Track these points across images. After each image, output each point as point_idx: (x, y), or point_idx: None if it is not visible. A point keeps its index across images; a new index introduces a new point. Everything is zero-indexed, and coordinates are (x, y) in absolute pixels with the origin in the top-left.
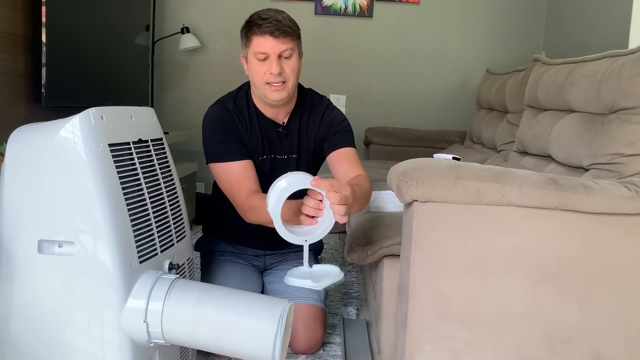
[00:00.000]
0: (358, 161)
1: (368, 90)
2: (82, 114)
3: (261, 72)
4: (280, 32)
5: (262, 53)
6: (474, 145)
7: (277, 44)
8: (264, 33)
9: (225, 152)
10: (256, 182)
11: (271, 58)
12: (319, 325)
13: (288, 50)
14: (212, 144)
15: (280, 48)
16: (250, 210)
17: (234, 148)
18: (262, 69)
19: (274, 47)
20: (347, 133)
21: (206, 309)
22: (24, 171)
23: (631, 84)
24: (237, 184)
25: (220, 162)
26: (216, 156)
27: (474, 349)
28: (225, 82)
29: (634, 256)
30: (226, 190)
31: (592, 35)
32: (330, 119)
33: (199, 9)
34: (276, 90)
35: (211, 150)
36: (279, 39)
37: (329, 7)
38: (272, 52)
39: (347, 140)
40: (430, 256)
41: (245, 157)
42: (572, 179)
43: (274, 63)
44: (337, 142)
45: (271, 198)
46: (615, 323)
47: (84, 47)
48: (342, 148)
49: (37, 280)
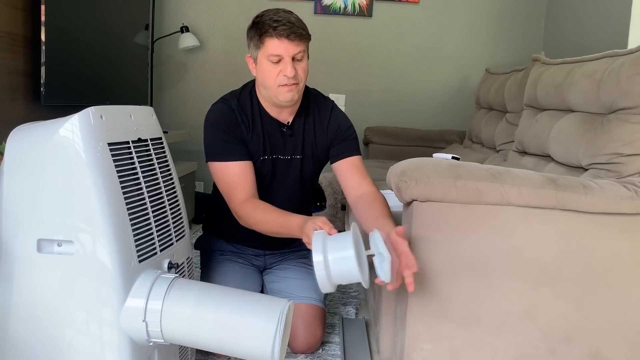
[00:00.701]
0: (365, 170)
1: (367, 90)
2: (81, 113)
3: (274, 74)
4: (295, 35)
5: (276, 55)
6: (473, 145)
7: (292, 46)
8: (279, 36)
9: (225, 151)
10: (253, 185)
11: (285, 60)
12: (318, 325)
13: (301, 53)
14: (213, 143)
15: (294, 50)
16: (243, 217)
17: (234, 148)
18: (274, 71)
19: (288, 49)
20: (354, 140)
21: (205, 308)
22: (23, 170)
23: (630, 83)
24: (234, 185)
25: (219, 162)
26: (215, 155)
27: (472, 348)
28: (225, 81)
29: (633, 256)
30: (222, 191)
31: (591, 35)
32: (337, 124)
33: (198, 8)
34: (289, 91)
35: (211, 149)
36: (294, 41)
37: (328, 6)
38: (287, 54)
39: (355, 149)
40: (429, 255)
41: (244, 158)
42: (571, 178)
43: (288, 66)
44: (345, 151)
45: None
46: (614, 322)
47: (83, 46)
48: (350, 157)
49: (36, 280)
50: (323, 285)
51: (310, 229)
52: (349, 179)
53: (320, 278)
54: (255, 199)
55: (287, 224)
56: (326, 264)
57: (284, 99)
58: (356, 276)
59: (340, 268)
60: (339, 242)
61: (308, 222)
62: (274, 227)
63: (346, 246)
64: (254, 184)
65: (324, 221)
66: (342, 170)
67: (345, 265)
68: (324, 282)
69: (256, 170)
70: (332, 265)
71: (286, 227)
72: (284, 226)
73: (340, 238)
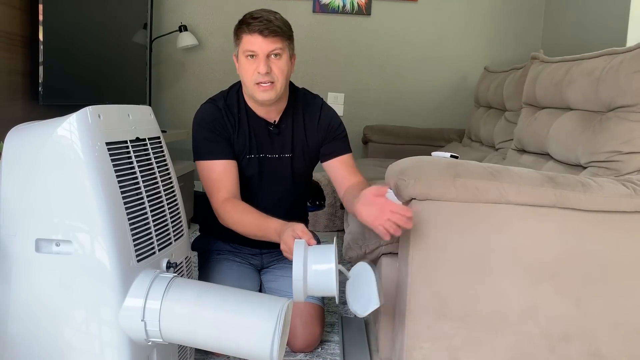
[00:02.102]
0: (355, 166)
1: (366, 88)
2: (80, 113)
3: (250, 71)
4: (269, 31)
5: (250, 51)
6: (472, 143)
7: (266, 43)
8: (252, 32)
9: (210, 150)
10: (236, 185)
11: (259, 57)
12: (317, 324)
13: (277, 50)
14: (199, 142)
15: (268, 47)
16: (222, 216)
17: (219, 147)
18: (251, 67)
19: (262, 46)
20: (345, 139)
21: (204, 307)
22: (21, 170)
23: (629, 81)
24: (216, 184)
25: (204, 160)
26: (201, 154)
27: (472, 346)
28: (223, 80)
29: (631, 254)
30: (206, 189)
31: (590, 32)
32: (328, 122)
33: (196, 7)
34: (264, 91)
35: (197, 148)
36: (267, 38)
37: (327, 5)
38: (261, 51)
39: (345, 147)
40: (428, 254)
41: (228, 157)
42: (570, 176)
43: (261, 62)
44: (336, 150)
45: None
46: (613, 320)
47: (82, 45)
48: (341, 156)
49: (34, 279)
50: (297, 294)
51: (289, 237)
52: (340, 175)
53: (296, 287)
54: (237, 199)
55: (265, 226)
56: (305, 275)
57: (260, 97)
58: (331, 290)
59: (320, 281)
60: (321, 255)
61: (287, 230)
62: (251, 229)
63: (329, 260)
64: (236, 184)
65: (303, 230)
66: (332, 168)
67: (324, 279)
68: (299, 292)
69: (243, 169)
70: (311, 277)
71: (263, 229)
72: (261, 229)
73: (323, 252)
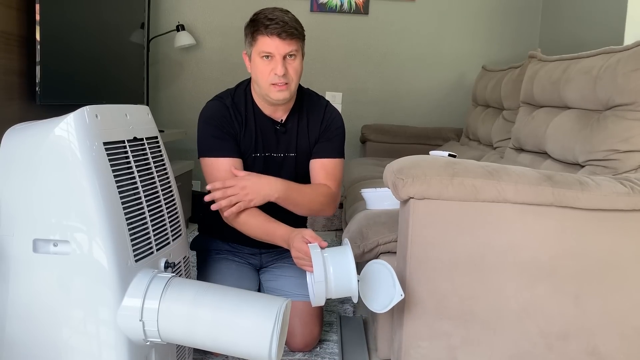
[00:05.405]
0: (335, 174)
1: (364, 88)
2: (77, 113)
3: (266, 72)
4: (287, 33)
5: (267, 53)
6: (470, 142)
7: (283, 45)
8: (270, 34)
9: (216, 147)
10: None
11: (276, 59)
12: (315, 323)
13: (293, 52)
14: (205, 139)
15: (285, 49)
16: (228, 216)
17: (226, 145)
18: (266, 68)
19: (279, 48)
20: (337, 142)
21: (202, 307)
22: (18, 170)
23: (626, 80)
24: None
25: (210, 157)
26: (207, 151)
27: (470, 345)
28: (221, 79)
29: (629, 252)
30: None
31: (588, 31)
32: (329, 121)
33: (194, 6)
34: (279, 91)
35: (202, 145)
36: (285, 40)
37: (324, 4)
38: (278, 53)
39: (332, 151)
40: (426, 253)
41: (234, 155)
42: (568, 175)
43: (279, 64)
44: (321, 151)
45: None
46: (611, 319)
47: (79, 45)
48: (326, 159)
49: (32, 280)
50: (319, 298)
51: (301, 243)
52: (313, 179)
53: (318, 291)
54: None
55: (271, 231)
56: (326, 278)
57: (275, 97)
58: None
59: (341, 282)
60: (338, 257)
61: (296, 236)
62: (257, 232)
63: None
64: None
65: (312, 234)
66: (313, 169)
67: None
68: (321, 295)
69: (248, 167)
70: (333, 280)
71: (270, 234)
72: (268, 233)
73: (340, 254)
